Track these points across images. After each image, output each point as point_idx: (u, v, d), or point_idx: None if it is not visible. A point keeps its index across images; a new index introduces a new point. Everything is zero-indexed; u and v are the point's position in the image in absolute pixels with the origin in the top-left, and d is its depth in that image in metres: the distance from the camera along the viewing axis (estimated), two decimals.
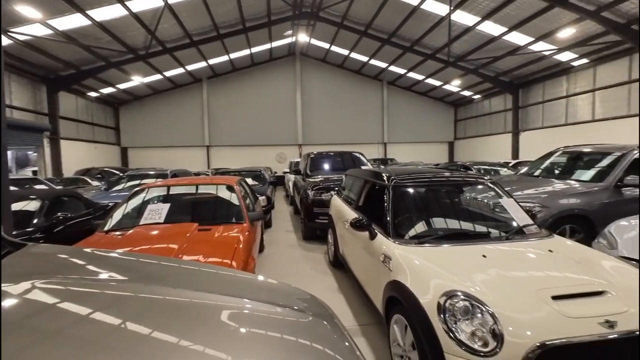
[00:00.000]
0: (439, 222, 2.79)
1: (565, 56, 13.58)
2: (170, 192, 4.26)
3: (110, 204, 5.53)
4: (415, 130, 22.62)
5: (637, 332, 1.60)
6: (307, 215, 5.94)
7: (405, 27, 14.51)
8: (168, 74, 17.81)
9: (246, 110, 21.03)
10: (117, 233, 3.21)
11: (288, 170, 11.32)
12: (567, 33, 11.50)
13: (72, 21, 10.89)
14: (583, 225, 4.35)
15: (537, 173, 5.85)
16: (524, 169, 6.38)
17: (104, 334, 0.80)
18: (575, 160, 5.65)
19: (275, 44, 18.51)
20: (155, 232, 3.15)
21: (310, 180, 6.70)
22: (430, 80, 19.66)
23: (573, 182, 4.96)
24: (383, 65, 19.31)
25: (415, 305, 1.92)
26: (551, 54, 13.42)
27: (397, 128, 22.41)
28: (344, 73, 21.72)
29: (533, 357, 1.52)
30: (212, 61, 18.02)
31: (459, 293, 1.81)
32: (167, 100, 20.64)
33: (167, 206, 3.50)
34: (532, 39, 12.71)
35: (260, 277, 1.54)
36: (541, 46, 13.08)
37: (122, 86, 17.63)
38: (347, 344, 1.01)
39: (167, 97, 20.61)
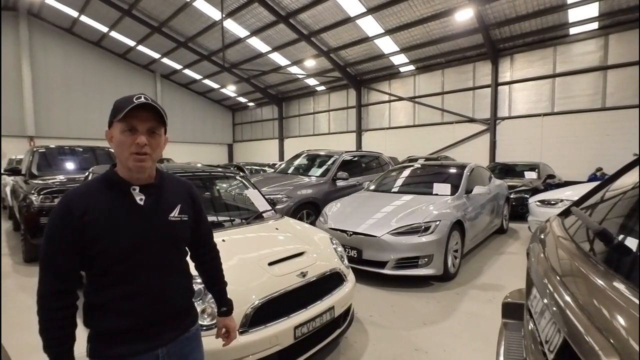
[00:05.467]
0: None
1: (311, 81, 17.43)
2: None
3: None
4: (194, 131, 22.03)
5: (327, 273, 2.29)
6: (31, 228, 4.43)
7: (177, 20, 13.80)
8: None
9: None
10: None
11: (2, 171, 7.94)
12: (310, 63, 14.80)
13: None
14: (315, 209, 5.74)
15: (289, 170, 7.18)
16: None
17: None
18: (313, 161, 7.37)
19: None
20: None
21: (37, 182, 5.03)
22: (207, 81, 19.72)
23: (311, 177, 6.45)
24: (155, 55, 17.48)
25: None
26: (303, 77, 16.85)
27: (174, 126, 20.96)
28: (102, 53, 17.90)
29: (251, 312, 1.84)
30: None
31: (196, 278, 1.90)
32: None
33: None
34: (289, 62, 15.44)
35: None
36: (295, 70, 16.15)
37: None
38: None
39: None
